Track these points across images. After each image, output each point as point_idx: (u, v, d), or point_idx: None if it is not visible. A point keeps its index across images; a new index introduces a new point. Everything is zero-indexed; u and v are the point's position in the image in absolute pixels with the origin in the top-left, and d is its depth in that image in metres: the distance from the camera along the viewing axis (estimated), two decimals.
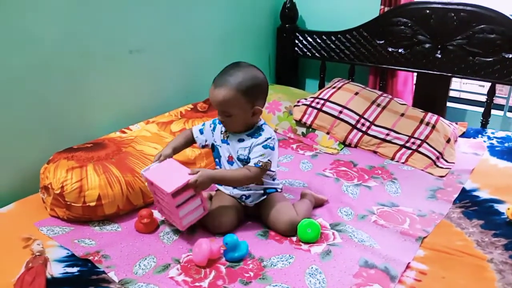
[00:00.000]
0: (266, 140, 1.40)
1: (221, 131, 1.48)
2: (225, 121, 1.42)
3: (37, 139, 1.66)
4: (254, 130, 1.44)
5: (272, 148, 1.42)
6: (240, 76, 1.36)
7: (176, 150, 1.49)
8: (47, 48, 1.62)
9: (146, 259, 1.29)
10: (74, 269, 1.23)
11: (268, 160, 1.40)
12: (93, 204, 1.43)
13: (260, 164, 1.38)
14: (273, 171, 1.46)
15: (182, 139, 1.52)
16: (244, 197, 1.47)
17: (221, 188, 1.53)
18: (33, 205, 1.54)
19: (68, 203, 1.42)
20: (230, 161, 1.45)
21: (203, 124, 1.54)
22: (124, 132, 1.84)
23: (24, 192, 1.60)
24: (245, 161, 1.43)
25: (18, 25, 1.52)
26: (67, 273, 1.22)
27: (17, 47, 1.53)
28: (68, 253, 1.30)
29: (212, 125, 1.52)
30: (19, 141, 1.61)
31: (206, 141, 1.52)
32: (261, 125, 1.46)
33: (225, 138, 1.46)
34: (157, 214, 1.50)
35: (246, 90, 1.35)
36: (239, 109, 1.37)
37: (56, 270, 1.22)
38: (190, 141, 1.54)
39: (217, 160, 1.51)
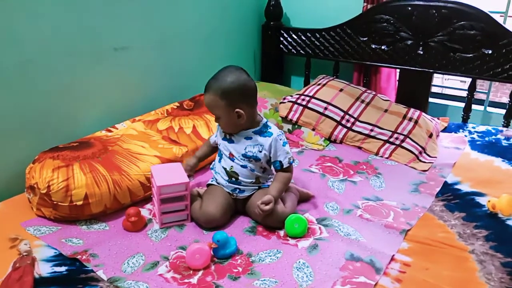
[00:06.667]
0: (280, 138, 1.47)
1: (222, 130, 1.53)
2: (217, 123, 1.49)
3: (22, 138, 1.65)
4: (260, 127, 1.48)
5: (287, 142, 1.51)
6: (221, 80, 1.41)
7: (201, 159, 1.64)
8: (31, 47, 1.61)
9: (134, 257, 1.29)
10: (62, 268, 1.23)
11: (291, 153, 1.51)
12: (80, 203, 1.42)
13: (291, 161, 1.49)
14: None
15: (204, 147, 1.67)
16: (238, 190, 1.50)
17: (214, 182, 1.55)
18: (19, 205, 1.52)
19: (55, 202, 1.41)
20: (231, 157, 1.49)
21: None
22: (110, 131, 1.83)
23: (10, 192, 1.59)
24: (253, 158, 1.47)
25: (2, 24, 1.50)
26: (55, 272, 1.22)
27: (1, 45, 1.51)
28: (55, 252, 1.30)
29: (218, 127, 1.59)
30: (3, 140, 1.59)
31: (215, 141, 1.60)
32: (266, 122, 1.51)
33: (226, 137, 1.51)
34: (144, 213, 1.51)
35: (223, 93, 1.40)
36: (221, 112, 1.43)
37: (44, 269, 1.22)
38: (211, 146, 1.64)
39: (218, 157, 1.55)
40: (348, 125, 2.11)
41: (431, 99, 2.48)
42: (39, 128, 1.70)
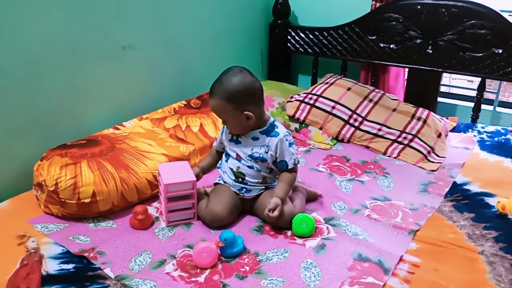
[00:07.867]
0: (287, 139, 1.45)
1: (229, 132, 1.51)
2: (225, 125, 1.48)
3: (30, 136, 1.65)
4: (267, 127, 1.47)
5: (293, 143, 1.49)
6: (226, 83, 1.38)
7: (204, 170, 1.57)
8: (39, 45, 1.61)
9: (141, 255, 1.29)
10: (70, 266, 1.23)
11: (297, 154, 1.48)
12: (87, 200, 1.43)
13: (296, 162, 1.48)
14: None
15: (209, 157, 1.62)
16: (244, 190, 1.49)
17: (221, 181, 1.54)
18: (27, 202, 1.53)
19: (63, 200, 1.42)
20: (238, 158, 1.48)
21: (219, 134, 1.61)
22: (117, 129, 1.83)
23: (18, 189, 1.59)
24: (259, 159, 1.45)
25: (9, 22, 1.50)
26: (62, 269, 1.22)
27: (9, 44, 1.52)
28: (63, 250, 1.30)
29: (222, 129, 1.57)
30: (12, 138, 1.60)
31: (221, 144, 1.57)
32: (273, 121, 1.50)
33: (233, 138, 1.50)
34: (151, 211, 1.51)
35: (230, 97, 1.37)
36: (229, 115, 1.42)
37: (51, 267, 1.22)
38: (215, 155, 1.61)
39: (226, 158, 1.53)
40: (356, 124, 2.10)
41: (439, 99, 2.46)
42: (47, 125, 1.70)
